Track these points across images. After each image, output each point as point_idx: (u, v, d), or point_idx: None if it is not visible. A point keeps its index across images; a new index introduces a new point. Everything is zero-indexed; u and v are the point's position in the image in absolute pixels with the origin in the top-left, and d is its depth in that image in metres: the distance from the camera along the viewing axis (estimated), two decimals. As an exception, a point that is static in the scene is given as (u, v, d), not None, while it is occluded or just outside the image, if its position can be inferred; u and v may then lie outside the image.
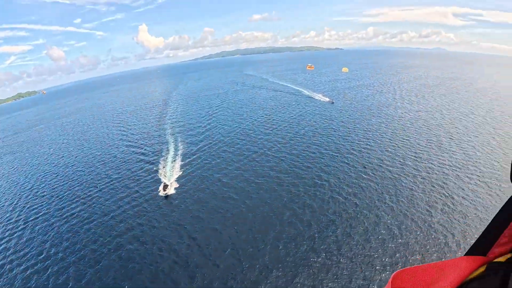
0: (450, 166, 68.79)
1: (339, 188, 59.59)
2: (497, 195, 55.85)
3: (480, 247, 2.06)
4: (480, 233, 2.04)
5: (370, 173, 65.27)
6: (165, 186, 63.48)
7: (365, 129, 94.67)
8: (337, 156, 75.30)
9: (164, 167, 76.29)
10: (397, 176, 63.96)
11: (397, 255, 41.49)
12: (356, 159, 73.20)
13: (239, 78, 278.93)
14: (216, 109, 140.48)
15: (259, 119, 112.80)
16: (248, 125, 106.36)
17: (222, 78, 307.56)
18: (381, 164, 69.72)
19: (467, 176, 63.51)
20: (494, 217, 1.94)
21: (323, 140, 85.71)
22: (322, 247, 43.70)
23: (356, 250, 42.67)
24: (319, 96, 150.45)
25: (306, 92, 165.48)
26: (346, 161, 71.95)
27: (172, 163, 78.90)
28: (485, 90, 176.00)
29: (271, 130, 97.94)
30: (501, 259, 1.95)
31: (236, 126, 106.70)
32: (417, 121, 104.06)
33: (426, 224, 47.79)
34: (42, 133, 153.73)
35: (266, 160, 74.84)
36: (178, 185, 65.44)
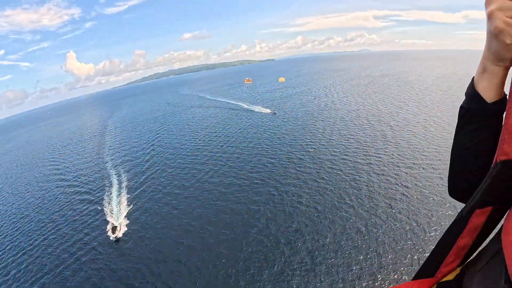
0: (398, 156, 71.04)
1: (297, 197, 57.88)
2: (444, 175, 58.27)
3: (427, 269, 2.11)
4: (427, 256, 2.10)
5: (325, 177, 64.40)
6: (114, 228, 56.63)
7: (311, 135, 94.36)
8: (289, 165, 73.58)
9: (109, 203, 69.58)
10: (351, 175, 63.90)
11: (369, 251, 41.52)
12: (309, 165, 72.03)
13: (176, 99, 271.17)
14: (157, 134, 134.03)
15: (203, 139, 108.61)
16: (193, 147, 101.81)
17: (157, 100, 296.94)
18: (333, 167, 69.30)
19: (415, 164, 66.05)
20: (441, 239, 2.01)
21: (272, 152, 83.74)
22: (295, 260, 41.91)
23: (329, 255, 41.75)
24: (259, 108, 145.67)
25: (246, 105, 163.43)
26: (298, 169, 70.47)
27: (117, 197, 71.61)
28: (413, 82, 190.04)
29: (218, 148, 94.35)
30: (449, 277, 2.05)
31: (181, 149, 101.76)
32: (359, 119, 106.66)
33: (389, 216, 48.32)
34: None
35: (218, 180, 71.18)
36: (128, 222, 59.71)
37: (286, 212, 53.86)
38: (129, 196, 71.46)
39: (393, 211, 49.70)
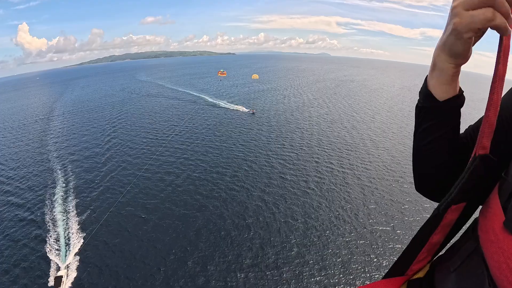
0: (376, 162, 73.30)
1: (286, 210, 52.09)
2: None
3: (398, 268, 2.10)
4: (400, 253, 2.08)
5: (313, 187, 59.96)
6: (58, 280, 37.56)
7: (292, 138, 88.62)
8: (273, 172, 66.67)
9: (53, 223, 51.37)
10: (340, 185, 61.37)
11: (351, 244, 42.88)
12: (294, 172, 66.46)
13: (133, 85, 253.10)
14: (113, 124, 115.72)
15: (173, 135, 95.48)
16: (162, 143, 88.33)
17: (113, 85, 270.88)
18: (318, 175, 65.04)
19: (399, 176, 66.14)
20: (415, 236, 1.98)
21: (253, 156, 75.28)
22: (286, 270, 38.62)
23: (321, 260, 40.54)
24: (234, 106, 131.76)
25: (210, 99, 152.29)
26: (284, 176, 64.34)
27: (64, 214, 53.83)
28: (378, 91, 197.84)
29: (192, 148, 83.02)
30: (420, 274, 2.04)
31: (146, 145, 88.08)
32: (335, 124, 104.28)
33: (367, 213, 50.98)
34: None
35: (194, 186, 60.88)
36: (80, 261, 42.28)
37: (274, 228, 47.26)
38: (81, 208, 56.12)
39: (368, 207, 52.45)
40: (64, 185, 66.05)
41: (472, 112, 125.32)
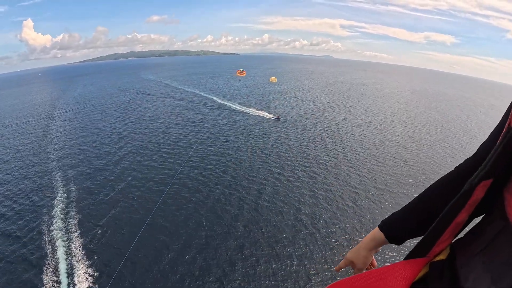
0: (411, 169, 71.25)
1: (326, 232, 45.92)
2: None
3: (421, 249, 2.04)
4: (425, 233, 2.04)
5: (351, 204, 53.01)
6: None
7: (317, 147, 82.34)
8: (307, 186, 60.36)
9: (53, 254, 42.12)
10: (366, 192, 58.13)
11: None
12: (328, 187, 60.42)
13: (139, 83, 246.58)
14: (123, 126, 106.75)
15: (192, 141, 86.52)
16: (182, 151, 79.17)
17: (118, 83, 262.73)
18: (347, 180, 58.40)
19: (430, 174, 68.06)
20: (442, 215, 1.87)
21: (285, 167, 68.60)
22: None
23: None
24: (256, 111, 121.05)
25: (228, 103, 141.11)
26: (317, 192, 58.18)
27: (66, 244, 43.98)
28: (391, 95, 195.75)
29: (216, 158, 74.43)
30: (442, 256, 1.95)
31: (163, 153, 78.83)
32: (358, 130, 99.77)
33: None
34: None
35: (221, 204, 54.01)
36: None
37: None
38: (85, 226, 48.30)
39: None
40: (65, 195, 58.52)
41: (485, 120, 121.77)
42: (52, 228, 47.91)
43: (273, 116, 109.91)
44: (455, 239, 1.93)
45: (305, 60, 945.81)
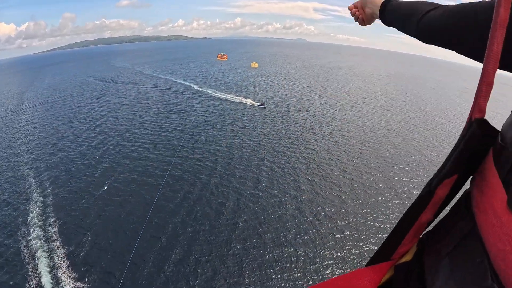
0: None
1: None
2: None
3: (383, 252, 1.98)
4: (383, 241, 1.96)
5: (345, 189, 51.97)
6: None
7: (304, 133, 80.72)
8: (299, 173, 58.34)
9: (34, 269, 38.57)
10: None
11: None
12: (319, 173, 58.76)
13: (110, 71, 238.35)
14: (99, 117, 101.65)
15: (177, 132, 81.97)
16: (167, 143, 75.04)
17: (88, 71, 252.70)
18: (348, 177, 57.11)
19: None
20: (403, 216, 1.83)
21: (273, 156, 66.30)
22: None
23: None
24: (240, 99, 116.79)
25: (197, 87, 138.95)
26: (311, 179, 56.28)
27: (48, 255, 40.40)
28: (369, 78, 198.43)
29: (202, 147, 71.36)
30: (407, 257, 1.92)
31: (146, 145, 74.48)
32: (341, 115, 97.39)
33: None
34: None
35: (211, 195, 51.87)
36: None
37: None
38: (68, 233, 44.87)
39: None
40: (40, 199, 53.89)
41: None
42: (29, 238, 43.67)
43: (258, 104, 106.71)
44: (422, 234, 1.89)
45: (278, 44, 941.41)
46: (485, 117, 1.45)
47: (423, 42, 2.34)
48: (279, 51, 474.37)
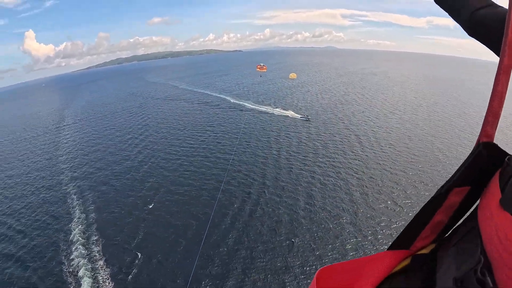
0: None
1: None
2: None
3: (402, 241, 2.19)
4: (403, 228, 2.18)
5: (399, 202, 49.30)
6: None
7: (349, 143, 77.88)
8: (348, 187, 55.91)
9: None
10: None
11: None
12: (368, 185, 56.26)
13: (146, 87, 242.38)
14: (140, 134, 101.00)
15: (218, 149, 79.40)
16: (209, 160, 72.94)
17: (125, 88, 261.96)
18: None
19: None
20: (417, 213, 2.09)
21: (324, 174, 62.09)
22: None
23: None
24: (281, 111, 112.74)
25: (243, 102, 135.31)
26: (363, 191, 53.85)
27: (91, 275, 39.60)
28: (405, 84, 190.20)
29: (252, 163, 68.65)
30: (425, 251, 2.12)
31: (190, 163, 72.25)
32: (382, 122, 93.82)
33: None
34: None
35: (264, 215, 49.27)
36: None
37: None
38: (111, 253, 43.91)
39: None
40: (83, 215, 53.90)
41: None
42: (72, 256, 43.32)
43: (301, 116, 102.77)
44: (440, 234, 2.12)
45: (308, 53, 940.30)
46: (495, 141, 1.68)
47: (468, 33, 2.37)
48: (310, 60, 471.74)
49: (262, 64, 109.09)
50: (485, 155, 1.74)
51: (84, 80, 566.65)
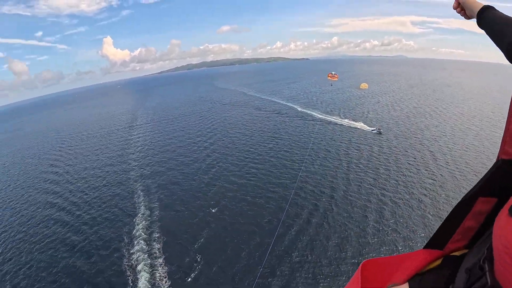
0: None
1: None
2: None
3: (436, 242, 2.33)
4: (437, 228, 2.31)
5: None
6: None
7: (422, 160, 74.22)
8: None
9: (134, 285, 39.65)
10: None
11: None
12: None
13: (215, 92, 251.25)
14: (208, 137, 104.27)
15: (287, 157, 79.02)
16: (277, 167, 73.07)
17: (194, 92, 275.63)
18: None
19: None
20: (447, 217, 2.24)
21: (395, 192, 59.71)
22: None
23: None
24: (351, 122, 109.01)
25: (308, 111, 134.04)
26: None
27: (150, 271, 41.32)
28: (483, 95, 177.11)
29: (321, 176, 66.84)
30: (457, 253, 2.26)
31: (258, 169, 72.82)
32: (460, 138, 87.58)
33: None
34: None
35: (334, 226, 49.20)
36: None
37: None
38: (171, 252, 45.36)
39: None
40: (147, 212, 56.82)
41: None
42: (133, 250, 45.81)
43: (373, 129, 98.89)
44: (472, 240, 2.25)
45: (377, 62, 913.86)
46: None
47: (508, 60, 2.50)
48: (379, 69, 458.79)
49: (333, 73, 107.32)
50: (504, 171, 1.87)
51: (156, 83, 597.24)
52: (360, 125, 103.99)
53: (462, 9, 3.35)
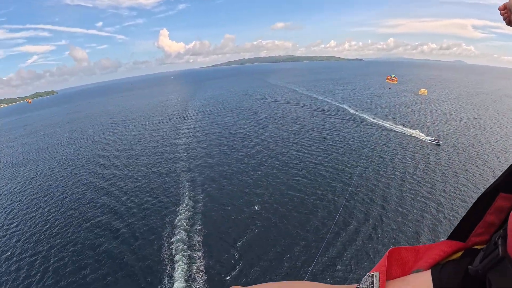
0: None
1: None
2: None
3: (459, 233, 2.28)
4: (460, 219, 2.27)
5: None
6: None
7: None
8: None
9: (170, 279, 39.31)
10: None
11: None
12: None
13: (266, 88, 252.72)
14: (257, 134, 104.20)
15: (336, 161, 76.57)
16: (326, 169, 71.89)
17: (246, 87, 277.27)
18: None
19: None
20: (469, 209, 2.19)
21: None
22: None
23: None
24: (407, 130, 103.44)
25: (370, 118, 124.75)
26: None
27: (186, 264, 41.33)
28: None
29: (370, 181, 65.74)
30: (478, 247, 2.19)
31: (305, 168, 72.45)
32: None
33: None
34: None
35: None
36: None
37: None
38: (209, 248, 44.97)
39: None
40: (191, 203, 57.42)
41: None
42: (173, 240, 46.55)
43: (431, 139, 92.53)
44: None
45: (435, 66, 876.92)
46: None
47: None
48: (437, 74, 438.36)
49: (392, 75, 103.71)
50: None
51: (209, 76, 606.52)
52: (416, 133, 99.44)
53: (507, 13, 2.97)
